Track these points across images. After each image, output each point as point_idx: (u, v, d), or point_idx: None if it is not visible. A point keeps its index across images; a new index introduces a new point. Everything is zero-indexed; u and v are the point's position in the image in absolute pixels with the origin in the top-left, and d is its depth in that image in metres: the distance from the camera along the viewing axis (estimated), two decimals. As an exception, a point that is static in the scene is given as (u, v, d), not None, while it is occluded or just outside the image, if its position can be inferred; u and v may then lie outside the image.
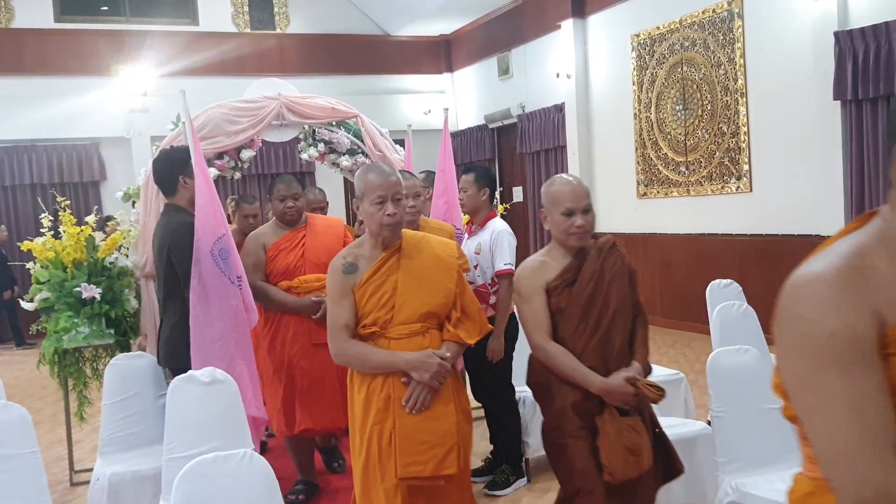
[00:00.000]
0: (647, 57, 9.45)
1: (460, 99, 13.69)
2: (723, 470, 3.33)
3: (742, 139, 8.23)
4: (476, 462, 4.78)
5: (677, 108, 9.05)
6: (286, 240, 4.42)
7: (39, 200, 6.83)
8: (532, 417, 4.51)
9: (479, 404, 4.78)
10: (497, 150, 12.92)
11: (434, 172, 5.41)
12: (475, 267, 4.46)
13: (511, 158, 12.65)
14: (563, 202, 2.92)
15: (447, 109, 5.37)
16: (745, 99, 8.17)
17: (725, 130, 8.43)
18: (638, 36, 9.55)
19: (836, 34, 6.95)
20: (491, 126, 12.76)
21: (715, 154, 8.59)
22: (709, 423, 4.11)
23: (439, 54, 13.81)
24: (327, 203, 6.12)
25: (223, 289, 3.95)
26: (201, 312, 3.92)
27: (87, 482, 4.28)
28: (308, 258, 4.36)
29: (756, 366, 3.45)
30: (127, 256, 5.12)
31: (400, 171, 3.67)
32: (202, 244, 3.89)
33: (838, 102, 7.03)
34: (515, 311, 3.94)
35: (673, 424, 3.96)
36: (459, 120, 13.59)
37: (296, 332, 4.31)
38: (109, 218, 5.94)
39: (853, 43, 6.83)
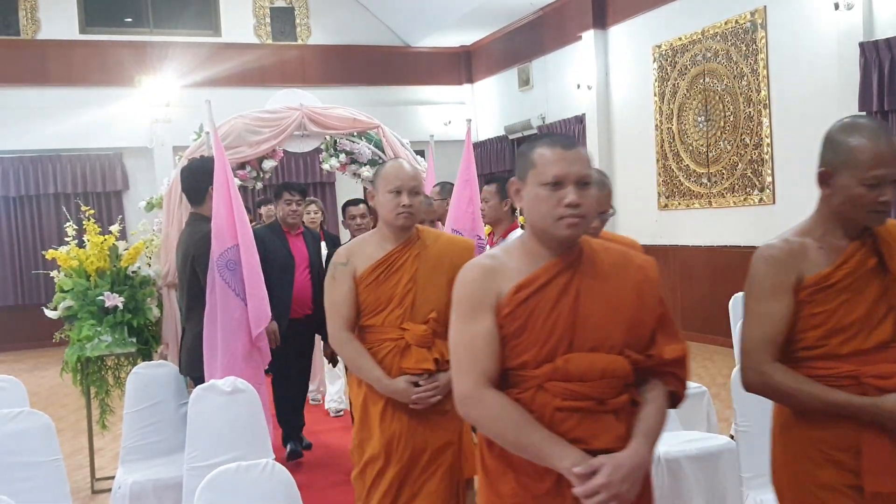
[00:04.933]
0: (668, 68, 9.41)
1: (480, 110, 13.69)
2: (748, 485, 3.29)
3: (765, 151, 8.17)
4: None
5: (699, 119, 9.00)
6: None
7: (64, 209, 6.89)
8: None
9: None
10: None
11: (449, 184, 5.44)
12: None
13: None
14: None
15: (469, 121, 5.38)
16: (767, 110, 8.11)
17: (748, 142, 8.37)
18: (659, 47, 9.52)
19: (862, 45, 6.90)
20: (511, 137, 12.75)
21: (737, 166, 8.53)
22: (731, 437, 4.08)
23: (460, 65, 13.84)
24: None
25: (226, 300, 3.96)
26: (210, 322, 3.94)
27: (109, 490, 4.30)
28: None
29: (781, 379, 3.40)
30: (150, 266, 5.15)
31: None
32: (212, 254, 3.92)
33: (863, 114, 6.97)
34: None
35: (696, 438, 3.92)
36: (480, 131, 13.59)
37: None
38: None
39: (879, 54, 6.77)
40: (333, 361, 5.39)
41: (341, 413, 6.42)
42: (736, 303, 5.35)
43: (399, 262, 2.97)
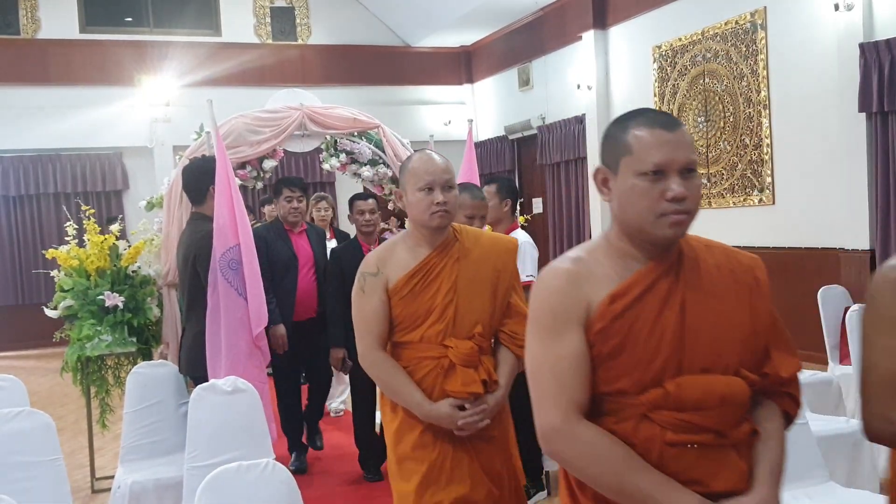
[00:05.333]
0: (668, 68, 9.42)
1: (480, 110, 13.70)
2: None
3: (765, 151, 8.18)
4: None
5: (699, 119, 9.01)
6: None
7: (64, 209, 6.89)
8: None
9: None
10: (517, 161, 12.90)
11: None
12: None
13: (531, 170, 12.63)
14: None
15: (471, 121, 5.38)
16: (767, 111, 8.11)
17: (748, 142, 8.37)
18: (660, 47, 9.53)
19: (862, 46, 6.90)
20: (511, 137, 12.75)
21: (737, 166, 8.53)
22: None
23: (460, 65, 13.84)
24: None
25: (228, 300, 3.97)
26: (213, 321, 3.95)
27: (109, 489, 4.30)
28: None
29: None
30: (150, 265, 5.16)
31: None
32: (215, 253, 3.92)
33: (863, 115, 6.96)
34: None
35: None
36: (479, 131, 13.59)
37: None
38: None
39: (879, 54, 6.77)
40: (344, 369, 4.97)
41: (341, 413, 6.43)
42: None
43: (437, 268, 2.61)
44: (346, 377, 6.12)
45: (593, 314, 1.61)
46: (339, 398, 6.48)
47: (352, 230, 5.28)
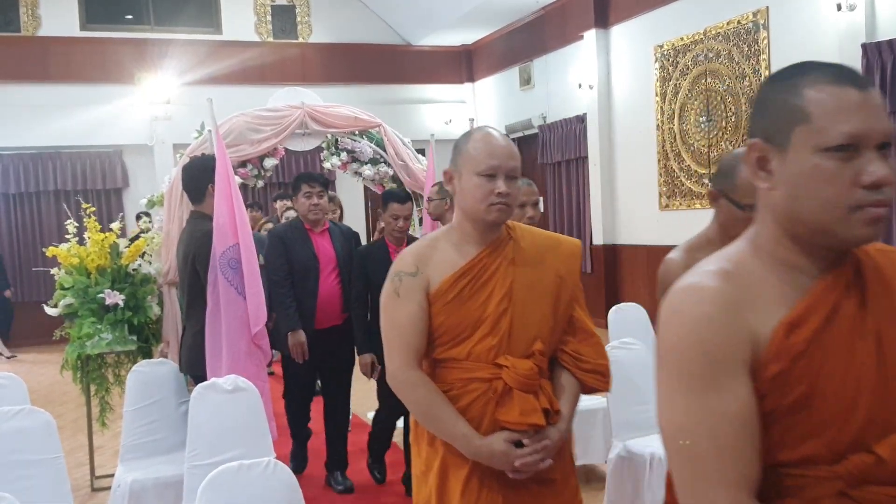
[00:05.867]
0: (670, 68, 9.40)
1: (481, 109, 13.68)
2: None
3: (766, 151, 8.16)
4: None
5: (701, 119, 9.00)
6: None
7: (65, 207, 6.88)
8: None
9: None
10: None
11: None
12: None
13: (532, 169, 12.62)
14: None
15: (473, 120, 5.36)
16: (769, 111, 8.09)
17: (749, 142, 8.36)
18: (661, 47, 9.51)
19: (864, 46, 6.89)
20: (512, 136, 12.72)
21: (738, 166, 8.52)
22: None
23: (461, 64, 13.83)
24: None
25: (229, 299, 3.96)
26: (213, 320, 3.94)
27: (108, 488, 4.29)
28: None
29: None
30: (150, 263, 5.15)
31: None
32: (214, 252, 3.92)
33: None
34: None
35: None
36: (480, 130, 13.58)
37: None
38: (140, 217, 6.01)
39: (881, 55, 6.76)
40: (374, 375, 4.51)
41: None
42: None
43: (489, 270, 2.15)
44: None
45: (763, 352, 1.15)
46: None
47: (358, 228, 5.13)
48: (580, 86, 10.75)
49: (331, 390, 4.86)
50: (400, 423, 4.74)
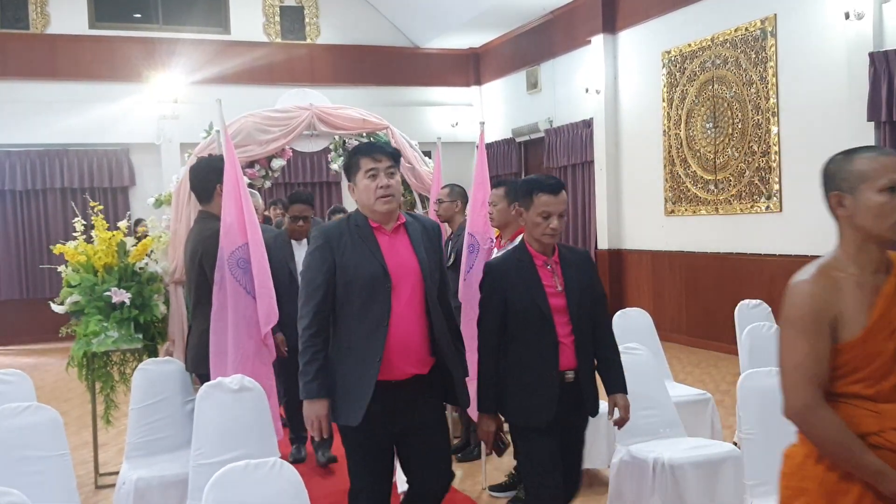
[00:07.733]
0: (677, 74, 9.41)
1: (488, 112, 13.70)
2: (751, 493, 3.29)
3: (773, 158, 8.17)
4: (499, 477, 4.76)
5: (707, 125, 9.00)
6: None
7: (72, 205, 6.91)
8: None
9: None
10: (524, 164, 12.91)
11: (458, 186, 5.38)
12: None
13: (538, 173, 12.62)
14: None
15: (483, 123, 5.35)
16: (776, 118, 8.11)
17: (756, 149, 8.37)
18: (669, 52, 9.53)
19: (872, 55, 6.89)
20: (518, 140, 12.75)
21: (745, 173, 8.52)
22: (735, 444, 4.08)
23: (468, 67, 13.85)
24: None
25: (237, 298, 3.97)
26: (218, 320, 3.95)
27: (113, 485, 4.30)
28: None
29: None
30: (157, 262, 5.17)
31: None
32: (222, 252, 3.93)
33: (872, 123, 6.96)
34: None
35: (699, 445, 3.93)
36: (487, 133, 13.52)
37: None
38: (139, 221, 6.04)
39: (888, 64, 6.76)
40: (498, 451, 3.28)
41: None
42: (741, 310, 5.35)
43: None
44: None
45: (841, 331, 1.98)
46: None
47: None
48: (587, 90, 10.76)
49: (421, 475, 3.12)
50: None
